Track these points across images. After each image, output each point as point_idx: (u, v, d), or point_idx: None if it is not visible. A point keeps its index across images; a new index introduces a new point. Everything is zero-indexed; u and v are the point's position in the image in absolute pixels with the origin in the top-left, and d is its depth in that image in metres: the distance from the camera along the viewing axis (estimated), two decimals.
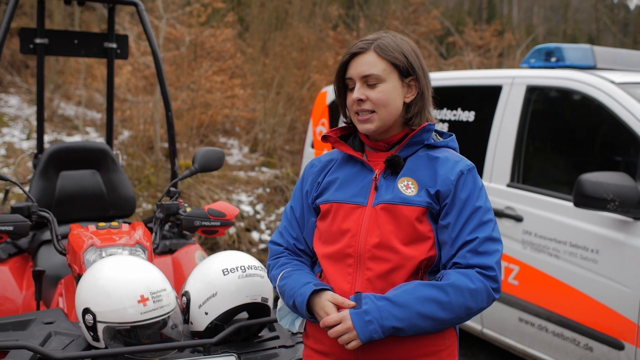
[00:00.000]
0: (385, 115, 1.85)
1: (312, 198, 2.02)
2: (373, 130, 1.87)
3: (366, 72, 1.84)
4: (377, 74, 1.83)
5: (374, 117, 1.85)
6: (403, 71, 1.86)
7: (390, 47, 1.85)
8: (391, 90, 1.85)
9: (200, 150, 3.06)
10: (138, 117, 10.87)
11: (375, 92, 1.84)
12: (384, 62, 1.84)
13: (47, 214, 2.82)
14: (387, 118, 1.86)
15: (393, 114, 1.86)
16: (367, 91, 1.85)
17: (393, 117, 1.87)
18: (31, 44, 4.02)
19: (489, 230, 1.80)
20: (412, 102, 1.89)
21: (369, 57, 1.85)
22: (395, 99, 1.86)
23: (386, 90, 1.84)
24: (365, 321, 1.72)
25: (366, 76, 1.84)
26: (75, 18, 13.67)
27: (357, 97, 1.85)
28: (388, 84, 1.84)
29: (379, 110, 1.85)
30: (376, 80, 1.84)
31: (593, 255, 3.67)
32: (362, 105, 1.85)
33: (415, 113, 1.89)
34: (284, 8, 14.44)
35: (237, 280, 2.27)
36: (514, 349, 4.25)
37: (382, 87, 1.84)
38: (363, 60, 1.85)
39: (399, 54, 1.86)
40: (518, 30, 19.82)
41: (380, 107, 1.84)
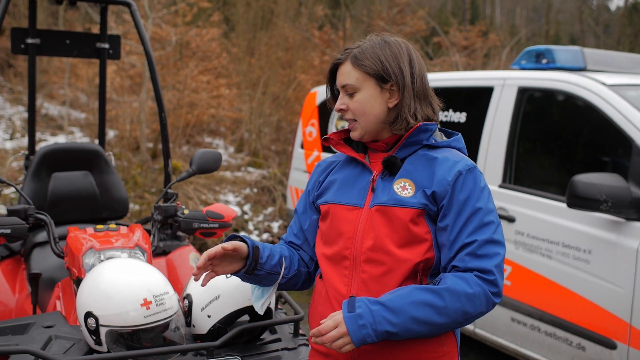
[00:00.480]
0: (365, 123, 1.87)
1: (314, 197, 2.03)
2: (358, 137, 1.90)
3: (343, 83, 1.88)
4: (352, 84, 1.86)
5: (356, 125, 1.89)
6: (379, 77, 1.85)
7: (366, 55, 1.85)
8: (367, 98, 1.85)
9: (197, 152, 3.05)
10: (124, 117, 10.80)
11: (352, 102, 1.87)
12: (357, 71, 1.85)
13: (45, 216, 2.79)
14: (368, 125, 1.87)
15: (373, 121, 1.87)
16: (347, 101, 1.88)
17: (375, 124, 1.87)
18: (22, 43, 3.98)
19: (490, 232, 1.76)
20: (397, 106, 1.86)
21: (345, 68, 1.88)
22: (372, 106, 1.85)
23: (362, 99, 1.86)
24: (359, 325, 1.70)
25: (344, 86, 1.88)
26: (60, 17, 13.54)
27: (338, 107, 1.91)
28: (364, 93, 1.85)
29: (359, 118, 1.87)
30: (352, 90, 1.86)
31: (586, 256, 3.70)
32: (345, 114, 1.90)
33: (400, 116, 1.86)
34: (270, 8, 14.42)
35: (240, 283, 2.26)
36: (506, 349, 4.27)
37: (358, 97, 1.86)
38: (342, 71, 1.89)
39: (374, 61, 1.84)
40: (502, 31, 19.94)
41: (358, 115, 1.87)
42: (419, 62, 1.92)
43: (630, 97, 3.78)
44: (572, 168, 4.09)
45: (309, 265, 2.07)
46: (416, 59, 1.91)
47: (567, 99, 4.13)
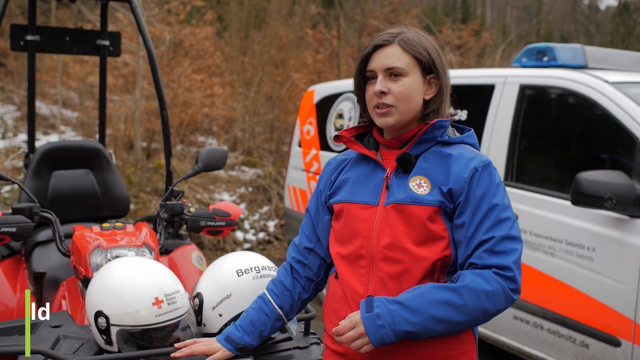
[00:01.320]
0: (405, 109, 1.82)
1: (326, 196, 2.00)
2: (392, 124, 1.83)
3: (390, 65, 1.81)
4: (402, 67, 1.80)
5: (393, 110, 1.82)
6: (426, 67, 1.83)
7: (414, 42, 1.83)
8: (413, 85, 1.81)
9: (203, 150, 3.02)
10: (118, 116, 10.75)
11: (398, 85, 1.80)
12: (408, 56, 1.81)
13: (50, 214, 2.76)
14: (406, 112, 1.83)
15: (412, 109, 1.83)
16: (389, 84, 1.81)
17: (412, 113, 1.84)
18: (22, 40, 3.94)
19: (507, 228, 1.74)
20: (432, 100, 1.86)
21: (393, 50, 1.82)
22: (416, 94, 1.83)
23: (409, 84, 1.81)
24: (377, 325, 1.69)
25: (390, 68, 1.81)
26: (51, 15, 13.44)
27: (380, 90, 1.81)
28: (411, 79, 1.81)
29: (399, 104, 1.81)
30: (400, 73, 1.81)
31: (589, 253, 3.70)
32: (383, 98, 1.82)
33: (432, 110, 1.86)
34: (263, 6, 14.39)
35: (252, 281, 2.23)
36: (509, 347, 4.26)
37: (405, 81, 1.81)
38: (387, 53, 1.82)
39: (423, 49, 1.83)
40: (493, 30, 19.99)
41: (401, 100, 1.81)
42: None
43: (633, 95, 3.78)
44: (575, 166, 4.08)
45: (318, 274, 2.06)
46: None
47: (569, 96, 4.12)
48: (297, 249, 2.09)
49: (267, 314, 2.02)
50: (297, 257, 2.07)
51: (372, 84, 1.85)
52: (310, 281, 2.07)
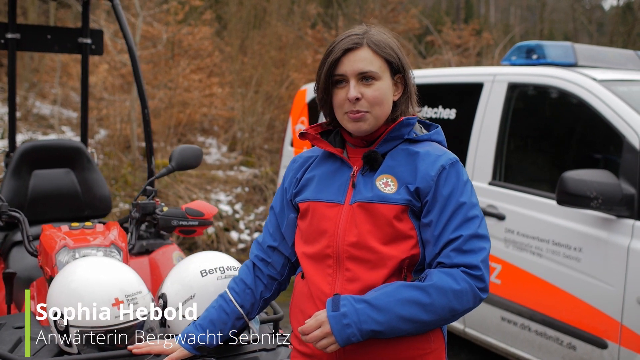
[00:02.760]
0: (379, 113, 1.78)
1: (291, 195, 1.96)
2: (366, 129, 1.78)
3: (364, 69, 1.75)
4: (375, 71, 1.75)
5: (367, 116, 1.76)
6: (395, 69, 1.80)
7: (383, 43, 1.78)
8: (386, 88, 1.78)
9: (177, 148, 2.98)
10: (115, 116, 10.73)
11: (371, 90, 1.75)
12: (379, 59, 1.77)
13: (18, 213, 2.72)
14: (380, 117, 1.79)
15: (386, 112, 1.80)
16: (362, 89, 1.75)
17: (385, 116, 1.80)
18: (2, 38, 3.90)
19: (475, 227, 1.71)
20: (399, 100, 1.83)
21: (364, 54, 1.76)
22: (388, 97, 1.79)
23: (382, 88, 1.76)
24: (343, 325, 1.67)
25: (363, 73, 1.75)
26: (51, 15, 13.45)
27: (355, 96, 1.74)
28: (383, 82, 1.77)
29: (374, 109, 1.76)
30: (373, 77, 1.75)
31: (576, 254, 3.65)
32: (357, 104, 1.75)
33: (400, 111, 1.83)
34: (262, 6, 14.34)
35: (216, 282, 2.19)
36: (496, 348, 4.21)
37: (377, 85, 1.76)
38: (358, 57, 1.75)
39: (391, 50, 1.79)
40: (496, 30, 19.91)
41: (375, 105, 1.76)
42: None
43: (621, 93, 3.72)
44: (563, 165, 4.03)
45: (281, 273, 2.03)
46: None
47: (557, 94, 4.07)
48: (261, 247, 2.04)
49: (228, 313, 1.99)
50: (261, 256, 2.03)
51: (341, 88, 1.79)
52: (273, 280, 2.03)
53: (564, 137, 4.16)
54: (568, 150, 4.11)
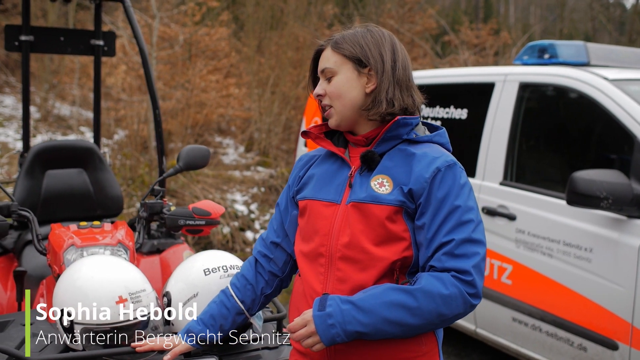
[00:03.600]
0: (340, 107, 1.82)
1: (293, 192, 1.99)
2: (335, 124, 1.85)
3: (322, 67, 1.85)
4: (330, 67, 1.82)
5: (332, 111, 1.84)
6: (357, 61, 1.81)
7: (346, 40, 1.83)
8: (343, 81, 1.81)
9: (185, 148, 3.01)
10: (132, 116, 10.82)
11: (330, 86, 1.83)
12: (336, 55, 1.82)
13: (28, 213, 2.76)
14: (344, 111, 1.82)
15: (348, 105, 1.82)
16: (325, 86, 1.84)
17: (350, 109, 1.82)
18: (16, 41, 3.96)
19: (468, 231, 1.69)
20: (374, 91, 1.81)
21: (326, 53, 1.85)
22: (348, 90, 1.81)
23: (338, 82, 1.82)
24: (328, 325, 1.67)
25: (323, 70, 1.84)
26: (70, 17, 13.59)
27: (316, 93, 1.87)
28: (341, 76, 1.82)
29: (334, 102, 1.82)
30: (331, 73, 1.83)
31: (587, 254, 3.62)
32: (323, 100, 1.85)
33: (371, 102, 1.81)
34: (279, 7, 14.39)
35: (219, 280, 2.21)
36: (508, 349, 4.20)
37: (335, 80, 1.82)
38: (322, 57, 1.86)
39: (353, 45, 1.81)
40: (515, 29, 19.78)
41: (334, 99, 1.82)
42: (403, 52, 1.87)
43: (633, 92, 3.69)
44: (574, 165, 4.00)
45: (283, 270, 2.04)
46: (400, 49, 1.87)
47: (568, 94, 4.05)
48: (264, 243, 2.07)
49: (228, 308, 2.00)
50: (263, 252, 2.05)
51: None
52: (275, 276, 2.05)
53: (575, 137, 4.13)
54: (579, 150, 4.09)
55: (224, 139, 13.32)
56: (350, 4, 15.10)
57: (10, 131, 12.41)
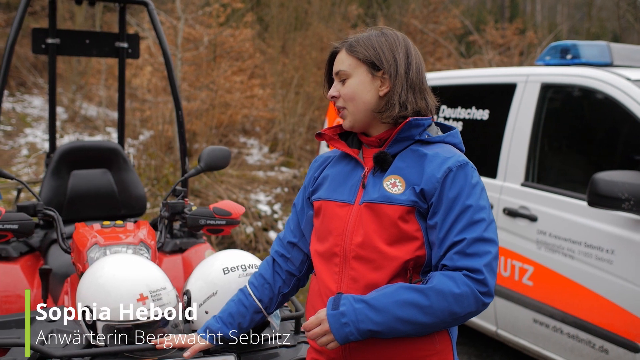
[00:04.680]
0: (354, 109, 1.85)
1: (309, 193, 2.03)
2: (348, 125, 1.89)
3: (336, 69, 1.88)
4: (344, 70, 1.86)
5: (345, 112, 1.88)
6: (371, 65, 1.84)
7: (360, 43, 1.86)
8: (357, 84, 1.85)
9: (206, 149, 3.05)
10: (157, 117, 10.93)
11: (344, 88, 1.87)
12: (350, 57, 1.86)
13: (53, 212, 2.82)
14: (357, 113, 1.86)
15: (361, 108, 1.85)
16: (339, 87, 1.88)
17: (364, 111, 1.85)
18: (43, 44, 4.05)
19: (480, 230, 1.71)
20: (387, 94, 1.84)
21: (341, 56, 1.88)
22: (362, 92, 1.84)
23: (352, 84, 1.85)
24: (342, 323, 1.70)
25: (337, 73, 1.88)
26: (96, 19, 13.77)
27: (331, 94, 1.90)
28: (355, 79, 1.85)
29: (348, 104, 1.86)
30: (345, 76, 1.86)
31: (608, 256, 3.60)
32: (337, 102, 1.89)
33: (384, 105, 1.84)
34: (304, 8, 14.43)
35: (238, 279, 2.25)
36: (529, 350, 4.18)
37: (349, 82, 1.86)
38: (337, 59, 1.90)
39: (367, 48, 1.84)
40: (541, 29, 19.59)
41: (347, 101, 1.86)
42: (417, 55, 1.90)
43: None
44: (596, 166, 3.98)
45: (300, 269, 2.08)
46: (414, 52, 1.89)
47: (590, 95, 4.02)
48: (281, 242, 2.11)
49: (246, 306, 2.04)
50: (281, 251, 2.09)
51: None
52: (292, 276, 2.08)
53: (597, 138, 4.11)
54: (601, 151, 4.06)
55: (248, 139, 13.40)
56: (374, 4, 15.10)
57: (38, 131, 12.62)
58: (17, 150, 11.24)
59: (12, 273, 3.40)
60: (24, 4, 3.57)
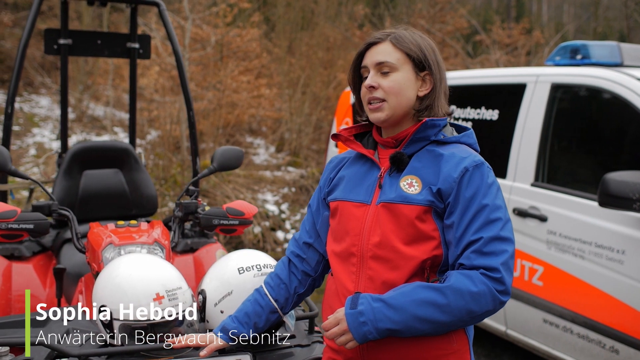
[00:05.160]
0: (395, 103, 1.84)
1: (325, 193, 2.04)
2: (383, 119, 1.85)
3: (380, 60, 1.84)
4: (391, 62, 1.83)
5: (384, 105, 1.84)
6: (417, 64, 1.85)
7: (406, 39, 1.86)
8: (404, 79, 1.84)
9: (219, 149, 3.07)
10: (165, 117, 10.96)
11: (387, 80, 1.83)
12: (399, 52, 1.84)
13: (67, 212, 2.84)
14: (397, 107, 1.84)
15: (403, 104, 1.85)
16: (379, 79, 1.84)
17: (404, 108, 1.85)
18: (55, 44, 4.07)
19: (496, 229, 1.72)
20: (426, 96, 1.87)
21: (384, 47, 1.85)
22: (407, 89, 1.84)
23: (398, 79, 1.83)
24: (360, 322, 1.72)
25: (380, 64, 1.84)
26: (104, 19, 13.81)
27: (369, 84, 1.84)
28: (401, 73, 1.84)
29: (390, 98, 1.83)
30: (389, 68, 1.83)
31: (619, 256, 3.60)
32: (374, 92, 1.84)
33: (426, 106, 1.87)
34: (310, 8, 14.43)
35: (253, 279, 2.27)
36: (538, 350, 4.19)
37: (394, 76, 1.84)
38: (378, 50, 1.86)
39: (415, 46, 1.85)
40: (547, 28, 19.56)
41: (390, 95, 1.83)
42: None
43: None
44: (606, 166, 3.98)
45: (316, 270, 2.09)
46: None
47: (600, 95, 4.02)
48: (297, 243, 2.12)
49: (262, 306, 2.05)
50: (296, 252, 2.10)
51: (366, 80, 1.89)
52: (308, 276, 2.09)
53: (607, 138, 4.10)
54: (612, 151, 4.06)
55: (255, 139, 13.41)
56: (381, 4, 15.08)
57: (45, 131, 12.65)
58: (25, 150, 11.28)
59: (25, 273, 3.42)
60: (36, 6, 3.59)
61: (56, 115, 13.63)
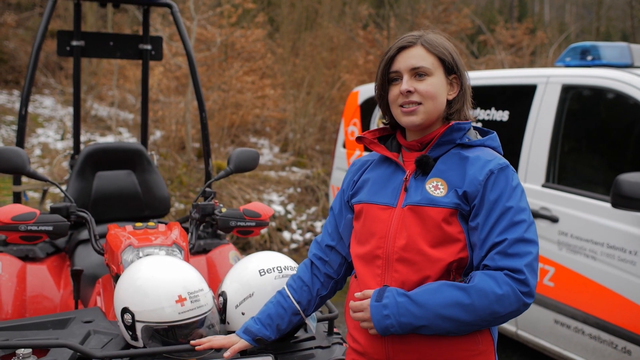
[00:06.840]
0: (431, 108, 1.85)
1: (348, 196, 2.05)
2: (418, 122, 1.86)
3: (416, 65, 1.84)
4: (427, 67, 1.84)
5: (419, 109, 1.85)
6: (448, 67, 1.87)
7: (436, 43, 1.87)
8: (439, 84, 1.86)
9: (235, 151, 3.08)
10: (170, 117, 10.97)
11: (423, 85, 1.84)
12: (432, 56, 1.85)
13: (86, 214, 2.85)
14: (432, 111, 1.86)
15: (438, 108, 1.87)
16: (415, 83, 1.85)
17: (437, 112, 1.87)
18: (68, 46, 4.08)
19: (521, 231, 1.74)
20: (454, 100, 1.90)
21: (417, 51, 1.86)
22: (441, 93, 1.87)
23: (435, 83, 1.85)
24: (383, 315, 1.75)
25: (415, 68, 1.85)
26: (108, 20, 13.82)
27: (407, 89, 1.84)
28: (436, 78, 1.85)
29: (426, 102, 1.84)
30: (425, 72, 1.84)
31: (631, 257, 3.61)
32: (410, 97, 1.85)
33: (455, 110, 1.90)
34: (314, 8, 14.44)
35: (274, 281, 2.28)
36: (549, 351, 4.19)
37: (430, 80, 1.85)
38: (411, 54, 1.86)
39: (445, 50, 1.87)
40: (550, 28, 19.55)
41: (427, 99, 1.84)
42: None
43: None
44: (618, 167, 3.99)
45: (338, 272, 2.11)
46: None
47: (611, 96, 4.03)
48: (319, 246, 2.13)
49: (285, 308, 2.07)
50: (319, 254, 2.12)
51: (396, 85, 1.89)
52: (330, 279, 2.11)
53: (618, 139, 4.11)
54: (623, 152, 4.06)
55: (259, 139, 13.43)
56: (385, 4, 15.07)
57: (50, 132, 12.67)
58: (29, 150, 11.29)
59: (39, 274, 3.44)
60: (49, 7, 3.60)
61: (60, 116, 13.66)
